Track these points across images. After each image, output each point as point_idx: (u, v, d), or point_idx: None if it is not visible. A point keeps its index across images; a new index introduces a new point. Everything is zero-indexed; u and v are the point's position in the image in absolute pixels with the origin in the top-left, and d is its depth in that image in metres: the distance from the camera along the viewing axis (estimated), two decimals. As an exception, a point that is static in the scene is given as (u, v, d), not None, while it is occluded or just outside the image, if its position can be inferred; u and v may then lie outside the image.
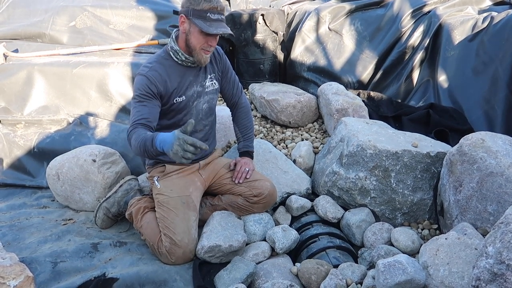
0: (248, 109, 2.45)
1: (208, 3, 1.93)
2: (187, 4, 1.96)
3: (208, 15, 1.94)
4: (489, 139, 1.88)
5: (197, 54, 2.04)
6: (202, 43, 1.99)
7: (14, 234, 2.28)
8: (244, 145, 2.38)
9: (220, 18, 1.98)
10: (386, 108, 3.06)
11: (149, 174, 2.25)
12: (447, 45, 3.00)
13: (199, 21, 1.94)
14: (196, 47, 2.01)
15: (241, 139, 2.40)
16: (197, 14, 1.94)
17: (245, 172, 2.23)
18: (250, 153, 2.37)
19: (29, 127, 3.11)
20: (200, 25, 1.93)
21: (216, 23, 1.96)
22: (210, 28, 1.93)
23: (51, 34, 3.74)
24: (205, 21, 1.94)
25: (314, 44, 3.71)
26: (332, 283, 1.79)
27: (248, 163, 2.29)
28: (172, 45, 2.06)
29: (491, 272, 1.29)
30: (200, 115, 2.22)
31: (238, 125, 2.41)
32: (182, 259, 2.02)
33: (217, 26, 1.96)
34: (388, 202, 2.21)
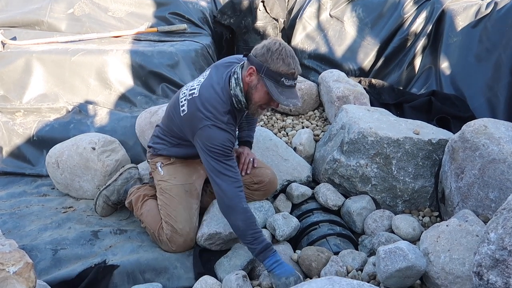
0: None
1: (286, 66, 1.72)
2: (262, 59, 1.74)
3: (282, 80, 1.74)
4: (492, 126, 1.86)
5: (254, 109, 1.88)
6: (263, 102, 1.83)
7: (15, 222, 2.28)
8: (248, 134, 2.32)
9: (293, 84, 1.79)
10: (388, 95, 3.04)
11: (152, 160, 2.21)
12: (450, 32, 2.97)
13: (271, 84, 1.74)
14: (256, 104, 1.85)
15: (245, 128, 2.33)
16: (271, 75, 1.73)
17: (251, 163, 2.20)
18: (250, 144, 2.34)
19: (28, 115, 3.09)
20: (271, 90, 1.74)
21: (288, 91, 1.77)
22: (281, 97, 1.74)
23: (49, 22, 3.70)
24: (277, 85, 1.74)
25: (315, 31, 3.68)
26: (332, 270, 1.79)
27: (250, 153, 2.26)
28: (238, 94, 1.85)
29: (493, 258, 1.28)
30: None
31: (246, 117, 2.30)
32: (183, 247, 2.02)
33: (288, 95, 1.77)
34: (389, 190, 2.20)
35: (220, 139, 1.81)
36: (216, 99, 1.85)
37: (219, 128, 1.81)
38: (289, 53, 1.75)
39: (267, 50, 1.74)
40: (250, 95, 1.84)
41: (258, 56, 1.77)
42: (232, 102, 1.88)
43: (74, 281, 1.81)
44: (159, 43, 3.56)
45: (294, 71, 1.75)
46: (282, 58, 1.72)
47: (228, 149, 1.83)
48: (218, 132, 1.81)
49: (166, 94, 3.23)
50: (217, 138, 1.81)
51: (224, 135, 1.82)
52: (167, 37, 3.68)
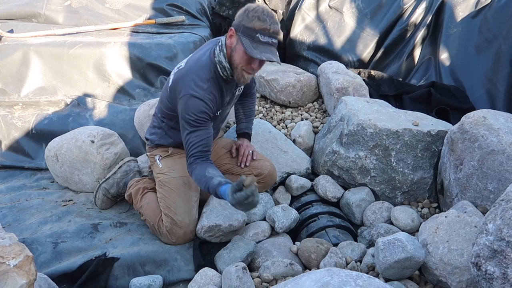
0: (255, 96, 2.42)
1: (260, 22, 1.74)
2: (240, 18, 1.78)
3: (257, 36, 1.74)
4: (491, 117, 1.86)
5: (238, 73, 1.87)
6: (244, 63, 1.82)
7: (15, 215, 2.29)
8: (246, 126, 2.34)
9: (270, 42, 1.78)
10: (387, 87, 3.02)
11: (150, 153, 2.22)
12: (450, 22, 2.95)
13: (246, 40, 1.75)
14: (238, 66, 1.84)
15: (243, 120, 2.35)
16: (247, 32, 1.75)
17: (250, 155, 2.21)
18: (249, 135, 2.34)
19: (27, 108, 3.08)
20: (245, 45, 1.75)
21: (263, 47, 1.76)
22: (255, 50, 1.74)
23: (46, 14, 3.67)
24: (252, 41, 1.75)
25: (314, 22, 3.65)
26: (331, 261, 1.79)
27: (249, 146, 2.27)
28: (222, 60, 1.87)
29: (491, 249, 1.29)
30: (223, 117, 2.19)
31: (243, 108, 2.36)
32: (183, 239, 2.03)
33: (263, 50, 1.76)
34: (388, 181, 2.21)
35: (195, 108, 1.83)
36: (199, 67, 1.88)
37: (196, 97, 1.83)
38: (266, 12, 1.78)
39: (245, 10, 1.79)
40: (232, 59, 1.85)
41: (237, 18, 1.81)
42: (216, 70, 1.89)
43: (74, 273, 1.82)
44: (157, 35, 3.54)
45: (269, 27, 1.75)
46: (257, 16, 1.75)
47: (202, 120, 1.85)
48: (194, 101, 1.83)
49: (165, 87, 3.22)
50: (192, 107, 1.83)
51: (200, 105, 1.83)
52: (165, 29, 3.66)
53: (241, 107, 2.37)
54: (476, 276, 1.35)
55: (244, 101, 2.37)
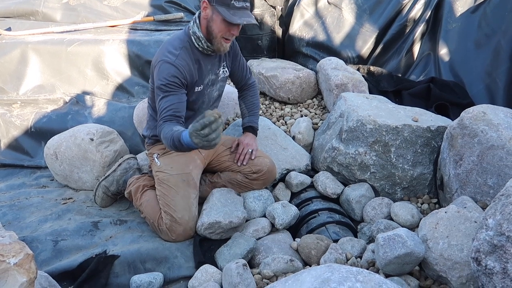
0: (257, 88, 2.43)
1: None
2: None
3: (232, 3, 1.84)
4: (491, 112, 1.86)
5: (217, 42, 1.95)
6: (224, 31, 1.90)
7: (15, 214, 2.29)
8: (250, 120, 2.33)
9: (244, 6, 1.88)
10: (386, 82, 3.02)
11: (149, 151, 2.24)
12: (449, 18, 2.94)
13: (222, 9, 1.84)
14: (218, 35, 1.92)
15: (246, 114, 2.36)
16: (221, 1, 1.84)
17: (248, 154, 2.20)
18: (254, 129, 2.32)
19: (26, 106, 3.08)
20: (223, 13, 1.84)
21: (240, 12, 1.87)
22: (234, 17, 1.84)
23: (44, 12, 3.66)
24: (228, 8, 1.84)
25: (313, 18, 3.64)
26: (332, 257, 1.80)
27: (250, 143, 2.24)
28: (196, 31, 1.96)
29: (491, 244, 1.29)
30: (211, 103, 2.21)
31: (245, 102, 2.37)
32: (183, 236, 2.03)
33: (241, 15, 1.86)
34: (388, 177, 2.21)
35: (165, 73, 1.89)
36: (173, 39, 2.00)
37: (167, 62, 1.90)
38: None
39: None
40: (210, 30, 1.93)
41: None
42: (190, 40, 1.98)
43: (75, 271, 1.82)
44: (155, 32, 3.53)
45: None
46: None
47: (172, 84, 1.90)
48: (165, 65, 1.90)
49: (164, 84, 3.21)
50: (163, 72, 1.90)
51: (170, 69, 1.89)
52: (163, 26, 3.65)
53: (243, 102, 2.38)
54: (476, 271, 1.35)
55: (245, 95, 2.38)
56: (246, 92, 2.38)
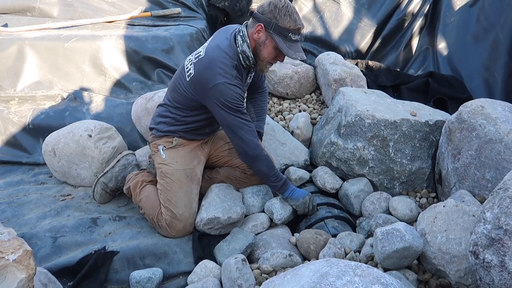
0: (267, 92, 2.43)
1: (293, 23, 1.85)
2: (270, 16, 1.86)
3: (289, 35, 1.86)
4: (489, 106, 1.86)
5: (263, 65, 1.99)
6: (272, 57, 1.95)
7: (13, 211, 2.28)
8: (257, 125, 2.31)
9: (298, 39, 1.92)
10: (385, 77, 3.02)
11: (154, 142, 2.19)
12: (447, 11, 2.94)
13: (279, 39, 1.87)
14: (265, 60, 1.96)
15: (254, 118, 2.33)
16: (279, 30, 1.86)
17: None
18: (261, 134, 2.32)
19: (23, 103, 3.06)
20: (280, 44, 1.87)
21: (295, 45, 1.90)
22: (290, 51, 1.88)
23: (41, 8, 3.64)
24: (285, 40, 1.87)
25: (311, 13, 3.63)
26: (330, 252, 1.80)
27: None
28: (245, 50, 1.94)
29: (489, 237, 1.29)
30: None
31: (254, 106, 2.36)
32: (182, 233, 2.04)
33: (296, 49, 1.90)
34: (387, 172, 2.21)
35: (233, 94, 1.90)
36: (224, 56, 1.93)
37: (231, 84, 1.89)
38: (294, 9, 1.89)
39: (275, 7, 1.85)
40: (258, 51, 1.94)
41: (265, 14, 1.87)
42: (239, 58, 1.97)
43: (74, 267, 1.82)
44: (153, 28, 3.51)
45: (300, 27, 1.88)
46: (289, 15, 1.85)
47: (241, 103, 1.94)
48: (230, 87, 1.89)
49: (162, 80, 3.21)
50: (230, 93, 1.89)
51: (236, 90, 1.91)
52: (161, 21, 3.63)
53: (252, 106, 2.35)
54: (474, 265, 1.36)
55: (255, 99, 2.36)
56: (257, 96, 2.37)
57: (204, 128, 2.15)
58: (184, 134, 2.15)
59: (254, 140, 1.98)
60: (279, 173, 2.05)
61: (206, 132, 2.21)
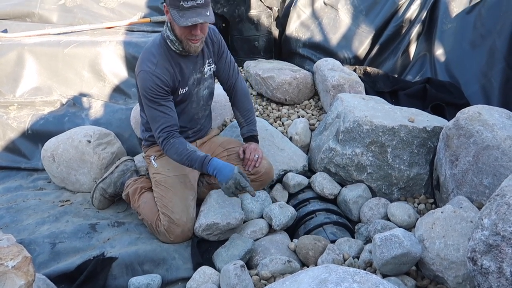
0: (247, 91, 2.33)
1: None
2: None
3: (181, 4, 1.78)
4: (486, 113, 1.87)
5: (185, 44, 1.92)
6: (185, 33, 1.87)
7: (12, 216, 2.29)
8: (248, 129, 2.28)
9: (195, 4, 1.80)
10: (383, 83, 3.03)
11: (146, 154, 2.24)
12: (444, 18, 2.96)
13: (173, 12, 1.81)
14: (181, 37, 1.90)
15: (244, 123, 2.29)
16: (172, 3, 1.81)
17: (254, 161, 2.17)
18: (255, 137, 2.29)
19: (22, 109, 3.07)
20: (174, 17, 1.81)
21: (190, 12, 1.79)
22: (181, 19, 1.79)
23: (40, 13, 3.66)
24: (178, 10, 1.80)
25: (309, 19, 3.65)
26: (329, 258, 1.81)
27: (256, 149, 2.21)
28: (168, 34, 1.93)
29: (487, 243, 1.30)
30: (201, 102, 2.18)
31: (238, 109, 2.29)
32: (181, 238, 2.04)
33: (190, 15, 1.79)
34: (385, 178, 2.22)
35: (149, 83, 1.90)
36: (150, 46, 1.99)
37: (148, 72, 1.90)
38: None
39: None
40: (175, 33, 1.92)
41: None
42: (166, 45, 1.96)
43: (73, 273, 1.82)
44: (152, 34, 3.52)
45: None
46: None
47: (158, 94, 1.91)
48: (147, 76, 1.90)
49: (161, 85, 3.21)
50: (146, 83, 1.90)
51: (152, 79, 1.89)
52: (160, 27, 3.64)
53: (237, 110, 2.30)
54: (472, 271, 1.36)
55: (236, 101, 2.29)
56: (238, 97, 2.28)
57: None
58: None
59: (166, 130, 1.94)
60: (191, 156, 1.92)
61: (188, 135, 2.20)
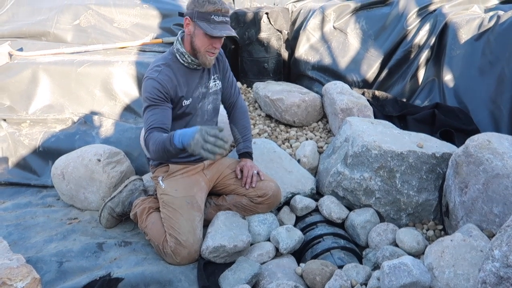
0: (246, 109, 2.45)
1: (212, 5, 1.94)
2: (192, 6, 1.97)
3: (212, 18, 1.94)
4: (495, 140, 1.87)
5: (202, 56, 2.04)
6: (206, 45, 2.00)
7: (20, 233, 2.30)
8: (245, 146, 2.36)
9: (224, 20, 1.98)
10: (391, 107, 3.05)
11: (153, 174, 2.26)
12: (453, 44, 2.99)
13: (203, 24, 1.95)
14: (201, 49, 2.02)
15: (240, 140, 2.38)
16: (202, 16, 1.94)
17: (255, 176, 2.22)
18: (250, 154, 2.36)
19: (34, 126, 3.12)
20: (204, 28, 1.94)
21: (220, 26, 1.97)
22: (214, 30, 1.94)
23: (56, 33, 3.75)
24: (209, 23, 1.95)
25: (318, 42, 3.70)
26: (336, 284, 1.78)
27: (252, 166, 2.28)
28: (178, 47, 2.06)
29: (497, 275, 1.28)
30: (205, 116, 2.23)
31: (237, 126, 2.40)
32: (187, 259, 2.03)
33: (221, 28, 1.96)
34: (393, 203, 2.21)
35: (149, 87, 1.99)
36: (159, 58, 2.11)
37: (150, 78, 2.00)
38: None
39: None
40: (193, 44, 2.02)
41: (188, 7, 1.99)
42: (175, 58, 2.08)
43: (79, 293, 1.82)
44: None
45: (220, 8, 1.95)
46: (207, 0, 1.94)
47: (156, 97, 1.98)
48: (149, 81, 2.00)
49: (171, 105, 3.26)
50: (147, 87, 2.00)
51: (153, 83, 1.98)
52: (172, 48, 3.71)
53: (235, 126, 2.40)
54: (483, 303, 1.34)
55: (235, 118, 2.40)
56: (237, 115, 2.41)
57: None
58: (174, 159, 2.18)
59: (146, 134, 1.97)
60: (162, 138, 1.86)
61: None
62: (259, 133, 3.06)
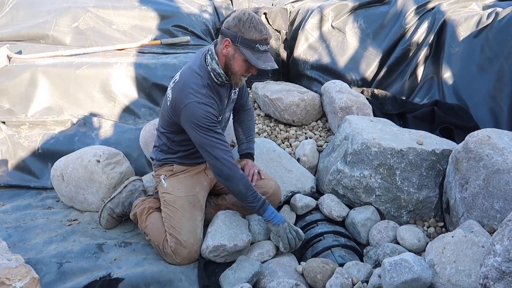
0: (252, 111, 2.44)
1: (259, 33, 1.85)
2: (235, 30, 1.87)
3: (257, 46, 1.86)
4: (495, 136, 1.87)
5: (236, 78, 1.99)
6: (244, 70, 1.95)
7: (20, 235, 2.29)
8: (248, 146, 2.35)
9: (267, 49, 1.92)
10: (391, 105, 3.04)
11: (156, 172, 2.24)
12: (452, 42, 2.98)
13: (247, 51, 1.87)
14: (237, 73, 1.96)
15: (244, 140, 2.37)
16: (246, 43, 1.86)
17: (256, 174, 2.22)
18: (252, 155, 2.35)
19: (33, 128, 3.11)
20: (248, 56, 1.86)
21: (264, 55, 1.90)
22: (259, 61, 1.87)
23: (54, 35, 3.75)
24: (253, 52, 1.87)
25: (317, 42, 3.70)
26: (337, 282, 1.78)
27: (253, 165, 2.28)
28: (215, 68, 1.96)
29: (499, 270, 1.27)
30: (223, 123, 2.23)
31: (241, 126, 2.38)
32: (188, 259, 2.02)
33: (265, 59, 1.90)
34: (393, 200, 2.20)
35: (204, 112, 1.90)
36: (195, 76, 1.97)
37: (199, 103, 1.90)
38: (259, 21, 1.89)
39: (239, 21, 1.86)
40: (229, 66, 1.95)
41: (231, 28, 1.88)
42: (210, 76, 1.98)
43: (79, 294, 1.81)
44: (162, 56, 3.59)
45: (266, 37, 1.88)
46: (254, 26, 1.85)
47: (213, 122, 1.93)
48: (200, 106, 1.90)
49: (170, 106, 3.25)
50: (200, 112, 1.89)
51: (207, 109, 1.91)
52: (170, 49, 3.72)
53: (240, 126, 2.38)
54: (485, 298, 1.33)
55: (241, 118, 2.39)
56: (243, 116, 2.39)
57: (197, 151, 2.09)
58: (181, 160, 2.18)
59: (229, 159, 1.94)
60: (257, 194, 1.99)
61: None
62: (259, 132, 3.05)
